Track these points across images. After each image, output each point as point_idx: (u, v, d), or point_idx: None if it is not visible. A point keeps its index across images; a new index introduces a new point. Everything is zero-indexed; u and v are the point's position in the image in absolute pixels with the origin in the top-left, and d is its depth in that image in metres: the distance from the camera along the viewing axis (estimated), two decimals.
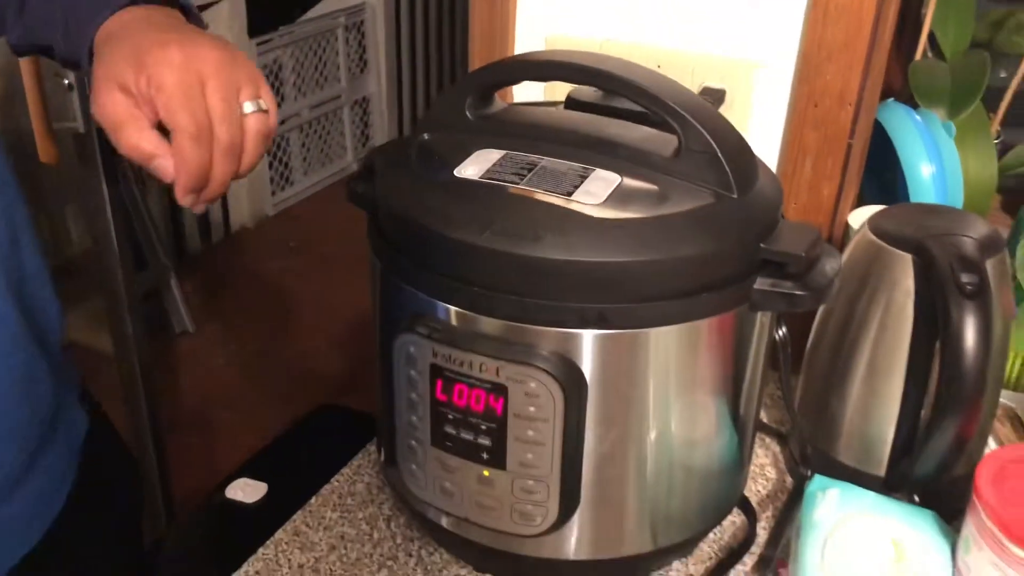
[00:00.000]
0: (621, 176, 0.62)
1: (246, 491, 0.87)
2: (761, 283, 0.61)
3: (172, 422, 2.24)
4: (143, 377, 1.64)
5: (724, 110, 0.90)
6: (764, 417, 0.89)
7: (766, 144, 0.90)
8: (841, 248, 0.94)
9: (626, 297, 0.58)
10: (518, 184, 0.61)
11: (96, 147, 1.41)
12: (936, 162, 0.96)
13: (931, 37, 1.20)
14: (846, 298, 0.75)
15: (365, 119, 3.87)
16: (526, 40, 0.98)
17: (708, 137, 0.61)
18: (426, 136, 0.69)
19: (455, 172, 0.63)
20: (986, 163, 1.06)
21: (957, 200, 1.01)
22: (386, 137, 3.92)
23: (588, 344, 0.59)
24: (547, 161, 0.64)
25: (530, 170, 0.63)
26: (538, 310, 0.58)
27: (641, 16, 0.92)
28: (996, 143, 1.17)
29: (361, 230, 0.69)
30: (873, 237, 0.73)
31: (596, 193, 0.60)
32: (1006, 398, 0.88)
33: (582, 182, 0.61)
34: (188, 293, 2.74)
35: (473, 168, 0.63)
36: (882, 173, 1.02)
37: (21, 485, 0.69)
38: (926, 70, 1.11)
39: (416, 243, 0.62)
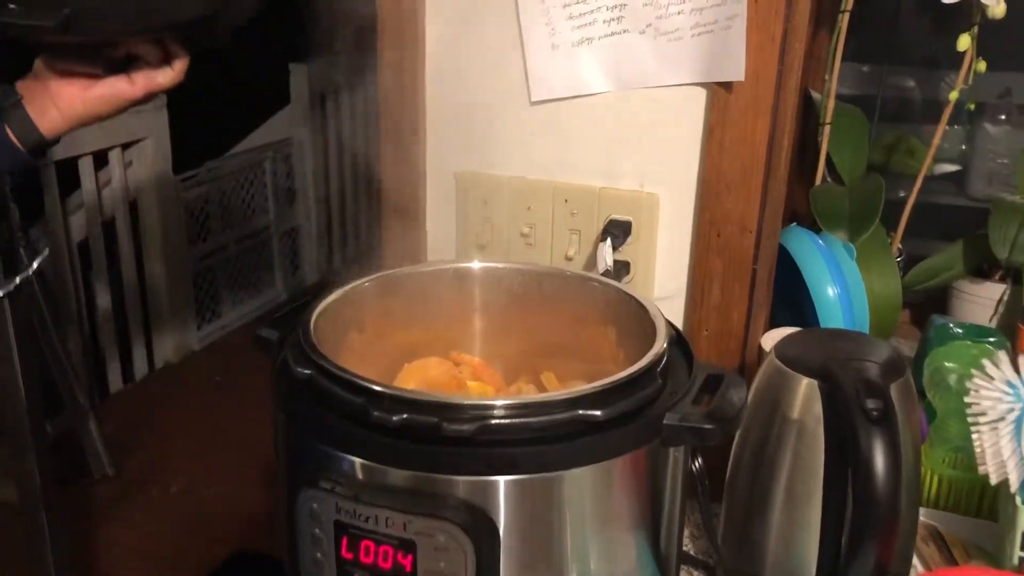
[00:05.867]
0: None
1: None
2: (670, 418, 0.61)
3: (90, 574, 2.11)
4: (52, 537, 1.55)
5: (631, 241, 0.91)
6: (691, 548, 0.87)
7: (675, 272, 0.92)
8: (757, 369, 0.95)
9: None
10: None
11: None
12: (840, 283, 0.99)
13: (830, 162, 1.26)
14: (759, 425, 0.75)
15: (294, 249, 3.86)
16: (436, 175, 0.99)
17: None
18: None
19: None
20: (889, 281, 1.10)
21: (864, 318, 1.04)
22: (315, 268, 3.92)
23: (499, 492, 0.57)
24: None
25: None
26: (446, 458, 0.57)
27: (548, 152, 0.95)
28: (898, 261, 1.22)
29: None
30: (780, 364, 0.74)
31: None
32: (928, 516, 0.88)
33: None
34: (109, 434, 2.64)
35: None
36: (793, 295, 1.05)
37: None
38: (826, 195, 1.16)
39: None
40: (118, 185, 2.98)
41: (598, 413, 0.58)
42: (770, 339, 0.95)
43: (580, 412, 0.58)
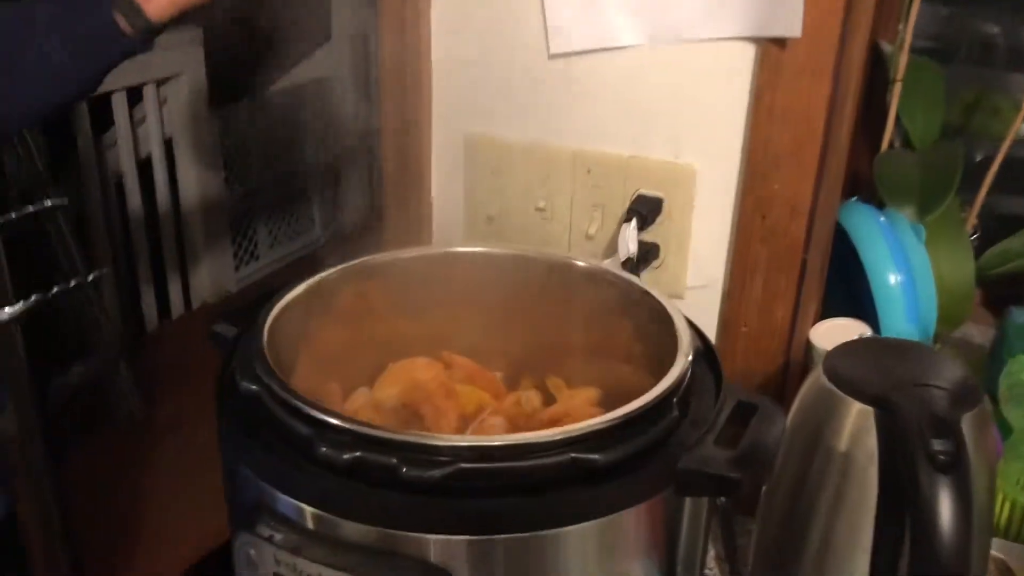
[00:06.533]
0: None
1: None
2: (687, 461, 0.50)
3: (108, 523, 2.09)
4: (53, 493, 1.50)
5: (662, 220, 0.79)
6: (717, 573, 0.77)
7: (711, 258, 0.80)
8: (803, 369, 0.83)
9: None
10: None
11: None
12: (904, 270, 0.86)
13: (899, 124, 1.11)
14: (798, 454, 0.63)
15: (335, 193, 3.78)
16: (443, 138, 0.88)
17: None
18: None
19: None
20: (962, 266, 0.96)
21: (931, 309, 0.91)
22: (356, 212, 3.83)
23: (472, 555, 0.47)
24: None
25: None
26: (406, 510, 0.46)
27: (568, 114, 0.82)
28: (973, 238, 1.07)
29: None
30: (828, 384, 0.62)
31: None
32: (996, 548, 0.76)
33: None
34: (142, 374, 2.61)
35: None
36: (848, 280, 0.92)
37: None
38: (893, 163, 1.01)
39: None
40: (153, 122, 2.91)
41: (596, 457, 0.48)
42: (820, 333, 0.83)
43: (574, 456, 0.48)
